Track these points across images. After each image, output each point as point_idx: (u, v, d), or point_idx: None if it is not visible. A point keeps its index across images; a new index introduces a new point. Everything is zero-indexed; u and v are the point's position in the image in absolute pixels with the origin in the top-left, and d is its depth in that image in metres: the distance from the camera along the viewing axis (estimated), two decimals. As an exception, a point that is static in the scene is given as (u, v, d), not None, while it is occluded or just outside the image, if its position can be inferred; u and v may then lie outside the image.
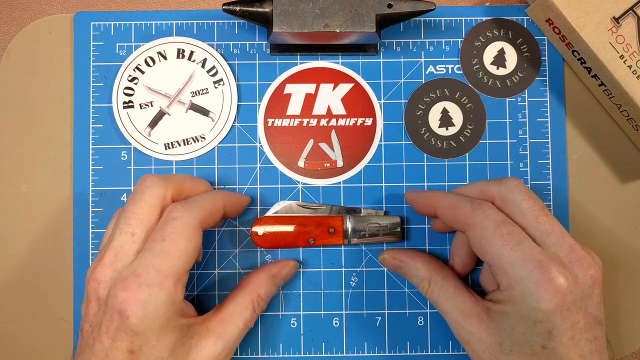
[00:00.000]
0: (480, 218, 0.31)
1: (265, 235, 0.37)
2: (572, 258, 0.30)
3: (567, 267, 0.30)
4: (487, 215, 0.31)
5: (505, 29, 0.39)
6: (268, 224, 0.37)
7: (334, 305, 0.38)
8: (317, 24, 0.35)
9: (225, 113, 0.38)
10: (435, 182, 0.38)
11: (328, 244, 0.37)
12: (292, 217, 0.37)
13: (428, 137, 0.39)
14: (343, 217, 0.37)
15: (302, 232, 0.37)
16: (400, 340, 0.38)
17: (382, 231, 0.37)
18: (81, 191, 0.38)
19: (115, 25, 0.39)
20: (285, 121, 0.39)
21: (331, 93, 0.39)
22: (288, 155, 0.39)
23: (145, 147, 0.38)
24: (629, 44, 0.35)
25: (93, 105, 0.39)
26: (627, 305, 0.38)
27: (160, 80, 0.39)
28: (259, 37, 0.39)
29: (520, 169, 0.38)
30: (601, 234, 0.39)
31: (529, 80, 0.39)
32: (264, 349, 0.38)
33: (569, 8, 0.35)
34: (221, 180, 0.38)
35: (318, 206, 0.38)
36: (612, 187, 0.39)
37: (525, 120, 0.39)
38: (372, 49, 0.39)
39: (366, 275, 0.38)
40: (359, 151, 0.39)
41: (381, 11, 0.35)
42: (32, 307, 0.38)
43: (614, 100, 0.37)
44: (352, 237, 0.37)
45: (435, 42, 0.39)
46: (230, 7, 0.35)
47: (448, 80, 0.39)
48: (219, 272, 0.38)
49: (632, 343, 0.38)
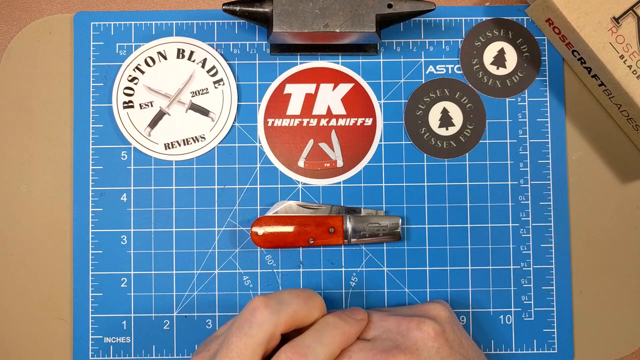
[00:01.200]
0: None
1: (265, 235, 0.37)
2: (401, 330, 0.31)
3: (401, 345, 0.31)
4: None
5: (505, 29, 0.39)
6: (268, 224, 0.37)
7: (334, 305, 0.38)
8: (317, 24, 0.35)
9: (225, 113, 0.38)
10: (435, 182, 0.38)
11: (328, 244, 0.37)
12: (292, 217, 0.37)
13: (428, 137, 0.39)
14: (343, 217, 0.37)
15: (302, 232, 0.37)
16: (400, 340, 0.38)
17: (382, 231, 0.37)
18: (81, 191, 0.38)
19: (115, 25, 0.39)
20: (285, 121, 0.39)
21: (331, 93, 0.39)
22: (288, 155, 0.39)
23: (145, 147, 0.38)
24: (629, 44, 0.35)
25: (93, 105, 0.39)
26: (627, 305, 0.38)
27: (160, 80, 0.39)
28: (259, 37, 0.39)
29: (520, 169, 0.38)
30: (601, 234, 0.39)
31: (529, 80, 0.39)
32: (264, 349, 0.38)
33: (569, 8, 0.35)
34: (221, 180, 0.38)
35: (318, 206, 0.38)
36: (612, 187, 0.39)
37: (525, 120, 0.39)
38: (372, 49, 0.39)
39: (366, 275, 0.38)
40: (359, 151, 0.39)
41: (381, 11, 0.35)
42: (32, 307, 0.38)
43: (614, 100, 0.37)
44: (352, 237, 0.37)
45: (435, 42, 0.39)
46: (230, 7, 0.35)
47: (448, 80, 0.39)
48: (219, 272, 0.38)
49: (632, 343, 0.38)
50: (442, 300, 0.36)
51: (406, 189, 0.38)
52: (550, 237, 0.38)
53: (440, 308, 0.33)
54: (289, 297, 0.30)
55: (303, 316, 0.30)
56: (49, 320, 0.38)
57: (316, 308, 0.31)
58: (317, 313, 0.31)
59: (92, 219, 0.38)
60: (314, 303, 0.31)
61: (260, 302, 0.29)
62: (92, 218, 0.38)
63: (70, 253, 0.38)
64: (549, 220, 0.38)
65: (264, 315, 0.29)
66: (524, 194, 0.38)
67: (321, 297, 0.32)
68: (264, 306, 0.29)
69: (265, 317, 0.29)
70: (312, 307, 0.31)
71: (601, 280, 0.39)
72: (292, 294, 0.31)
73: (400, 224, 0.37)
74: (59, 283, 0.38)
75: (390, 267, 0.38)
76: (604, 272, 0.38)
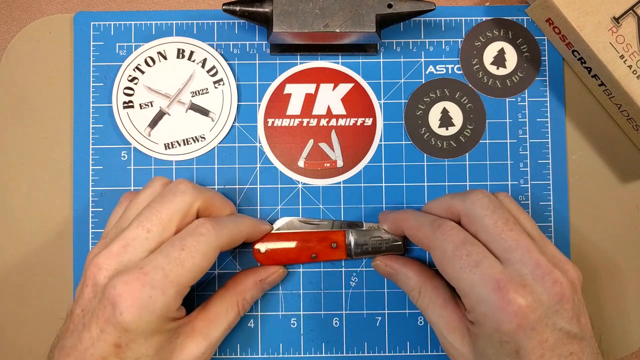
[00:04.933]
0: (440, 240, 0.31)
1: (268, 253, 0.37)
2: (536, 275, 0.29)
3: (529, 285, 0.29)
4: (445, 237, 0.31)
5: (505, 29, 0.39)
6: (270, 240, 0.37)
7: (334, 305, 0.38)
8: (317, 24, 0.35)
9: (225, 113, 0.38)
10: (435, 182, 0.38)
11: (331, 259, 0.37)
12: (294, 233, 0.37)
13: (428, 137, 0.39)
14: (345, 232, 0.37)
15: (305, 248, 0.37)
16: (400, 340, 0.38)
17: (384, 245, 0.37)
18: (81, 191, 0.38)
19: (115, 25, 0.39)
20: (285, 121, 0.39)
21: (331, 93, 0.39)
22: (288, 155, 0.39)
23: (145, 147, 0.38)
24: (629, 44, 0.35)
25: (93, 105, 0.39)
26: (627, 305, 0.38)
27: (160, 80, 0.39)
28: (259, 37, 0.39)
29: (520, 169, 0.38)
30: (601, 234, 0.39)
31: (529, 80, 0.39)
32: (264, 349, 0.38)
33: (569, 8, 0.35)
34: (221, 180, 0.38)
35: (320, 221, 0.38)
36: (612, 187, 0.39)
37: (525, 120, 0.39)
38: (372, 49, 0.39)
39: (366, 275, 0.38)
40: (359, 151, 0.39)
41: (381, 11, 0.35)
42: (32, 307, 0.38)
43: (614, 100, 0.37)
44: (354, 251, 0.37)
45: (435, 42, 0.39)
46: (230, 7, 0.35)
47: (448, 80, 0.39)
48: (219, 272, 0.38)
49: (632, 343, 0.38)
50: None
51: (406, 189, 0.38)
52: (550, 237, 0.38)
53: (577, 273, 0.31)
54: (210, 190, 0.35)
55: (218, 206, 0.34)
56: (49, 320, 0.38)
57: (229, 205, 0.36)
58: (229, 209, 0.35)
59: (92, 219, 0.38)
60: (228, 201, 0.36)
61: (183, 180, 0.33)
62: (92, 218, 0.38)
63: (70, 253, 0.38)
64: (549, 220, 0.38)
65: (187, 186, 0.32)
66: (524, 194, 0.38)
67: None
68: (187, 182, 0.33)
69: (188, 188, 0.32)
70: (226, 202, 0.35)
71: (601, 280, 0.38)
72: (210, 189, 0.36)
73: (402, 236, 0.37)
74: (59, 283, 0.38)
75: (390, 267, 0.38)
76: (604, 272, 0.38)
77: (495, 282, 0.29)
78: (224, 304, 0.34)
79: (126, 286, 0.28)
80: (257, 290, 0.36)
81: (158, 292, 0.29)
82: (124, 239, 0.30)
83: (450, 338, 0.32)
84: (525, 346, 0.28)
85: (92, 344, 0.29)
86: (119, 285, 0.28)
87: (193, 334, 0.32)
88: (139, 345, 0.29)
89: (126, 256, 0.30)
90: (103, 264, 0.30)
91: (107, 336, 0.28)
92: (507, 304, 0.28)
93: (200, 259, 0.30)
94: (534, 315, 0.28)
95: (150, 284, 0.29)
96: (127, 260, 0.30)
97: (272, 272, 0.36)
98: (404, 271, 0.35)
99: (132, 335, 0.29)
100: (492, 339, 0.29)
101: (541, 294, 0.29)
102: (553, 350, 0.29)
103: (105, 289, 0.29)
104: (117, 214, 0.35)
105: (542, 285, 0.29)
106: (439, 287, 0.34)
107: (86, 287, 0.30)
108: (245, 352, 0.38)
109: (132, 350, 0.29)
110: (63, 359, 0.29)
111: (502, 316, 0.28)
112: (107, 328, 0.28)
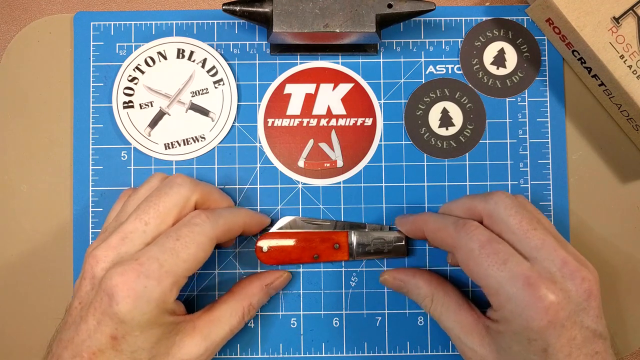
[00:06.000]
0: (465, 240, 0.31)
1: (270, 252, 0.37)
2: (564, 272, 0.29)
3: (559, 282, 0.29)
4: (471, 237, 0.31)
5: (505, 29, 0.39)
6: (273, 239, 0.37)
7: (334, 305, 0.38)
8: (317, 24, 0.35)
9: (225, 113, 0.38)
10: (435, 182, 0.38)
11: (333, 260, 0.37)
12: (296, 232, 0.37)
13: (428, 137, 0.39)
14: (347, 233, 0.37)
15: (307, 248, 0.37)
16: (400, 340, 0.38)
17: (386, 247, 0.37)
18: (81, 191, 0.38)
19: (115, 25, 0.39)
20: (285, 121, 0.39)
21: (331, 93, 0.39)
22: (288, 155, 0.39)
23: (145, 147, 0.38)
24: (629, 44, 0.35)
25: (93, 105, 0.39)
26: (627, 305, 0.38)
27: (160, 80, 0.39)
28: (259, 37, 0.39)
29: (520, 169, 0.38)
30: (601, 234, 0.39)
31: (529, 80, 0.39)
32: (264, 349, 0.38)
33: (569, 8, 0.35)
34: (221, 180, 0.38)
35: (322, 221, 0.38)
36: (612, 187, 0.39)
37: (525, 120, 0.39)
38: (372, 49, 0.39)
39: (366, 275, 0.38)
40: (359, 151, 0.39)
41: (381, 11, 0.35)
42: (32, 306, 0.38)
43: (614, 100, 0.37)
44: (357, 252, 0.37)
45: (435, 42, 0.39)
46: (230, 7, 0.35)
47: (448, 80, 0.39)
48: (219, 272, 0.38)
49: (632, 343, 0.38)
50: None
51: (406, 189, 0.38)
52: (550, 237, 0.38)
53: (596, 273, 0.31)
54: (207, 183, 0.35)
55: (216, 199, 0.34)
56: (49, 320, 0.38)
57: (227, 199, 0.36)
58: (226, 203, 0.36)
59: (92, 219, 0.38)
60: (225, 195, 0.36)
61: (180, 174, 0.33)
62: (92, 218, 0.38)
63: (70, 253, 0.38)
64: (549, 220, 0.38)
65: (184, 180, 0.32)
66: (524, 194, 0.38)
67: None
68: (184, 176, 0.33)
69: (185, 181, 0.32)
70: (223, 196, 0.36)
71: (601, 280, 0.38)
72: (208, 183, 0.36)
73: (404, 238, 0.37)
74: (59, 283, 0.38)
75: (391, 268, 0.38)
76: (604, 272, 0.38)
77: (525, 278, 0.29)
78: (229, 307, 0.34)
79: (122, 277, 0.28)
80: (264, 295, 0.36)
81: (153, 282, 0.29)
82: (122, 232, 0.30)
83: (469, 341, 0.32)
84: (554, 344, 0.28)
85: (89, 335, 0.29)
86: (115, 277, 0.29)
87: (193, 333, 0.32)
88: (135, 337, 0.29)
89: (123, 248, 0.30)
90: (101, 257, 0.30)
91: (103, 328, 0.29)
92: (539, 300, 0.28)
93: (196, 249, 0.30)
94: (564, 313, 0.28)
95: (146, 274, 0.29)
96: (124, 253, 0.30)
97: (277, 276, 0.36)
98: (414, 281, 0.35)
99: (128, 327, 0.29)
100: (519, 336, 0.29)
101: (570, 291, 0.29)
102: (580, 349, 0.28)
103: (102, 281, 0.29)
104: (116, 209, 0.35)
105: (571, 282, 0.29)
106: (450, 293, 0.34)
107: (84, 280, 0.30)
108: (245, 352, 0.38)
109: (128, 343, 0.29)
110: (61, 351, 0.29)
111: (532, 313, 0.28)
112: (103, 319, 0.29)
